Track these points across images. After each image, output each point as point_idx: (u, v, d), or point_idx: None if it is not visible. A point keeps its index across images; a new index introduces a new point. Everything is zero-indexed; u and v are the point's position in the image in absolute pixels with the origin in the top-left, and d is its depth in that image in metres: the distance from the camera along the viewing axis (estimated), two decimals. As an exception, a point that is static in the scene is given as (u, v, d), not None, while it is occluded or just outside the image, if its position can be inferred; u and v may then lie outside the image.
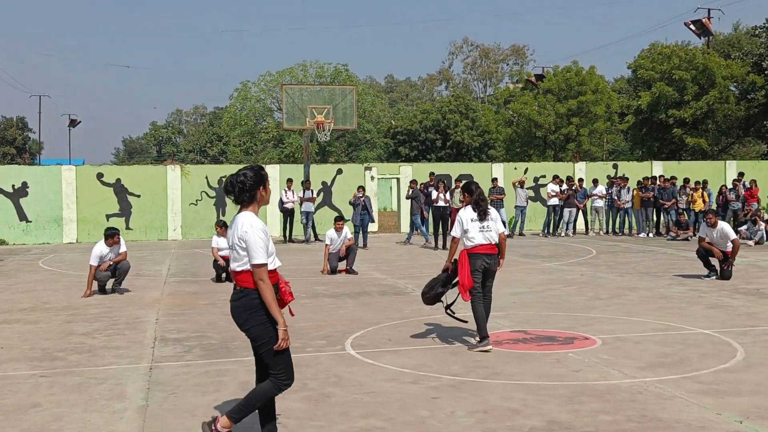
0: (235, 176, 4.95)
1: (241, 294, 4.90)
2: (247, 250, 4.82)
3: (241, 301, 4.90)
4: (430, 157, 53.46)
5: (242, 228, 4.84)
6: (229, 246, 5.02)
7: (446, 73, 78.03)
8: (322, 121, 21.45)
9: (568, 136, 42.26)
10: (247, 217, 4.92)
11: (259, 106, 63.88)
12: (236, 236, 4.86)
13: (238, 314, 4.93)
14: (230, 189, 4.95)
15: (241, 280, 4.89)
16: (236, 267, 4.90)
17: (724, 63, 33.82)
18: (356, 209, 20.20)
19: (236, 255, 4.89)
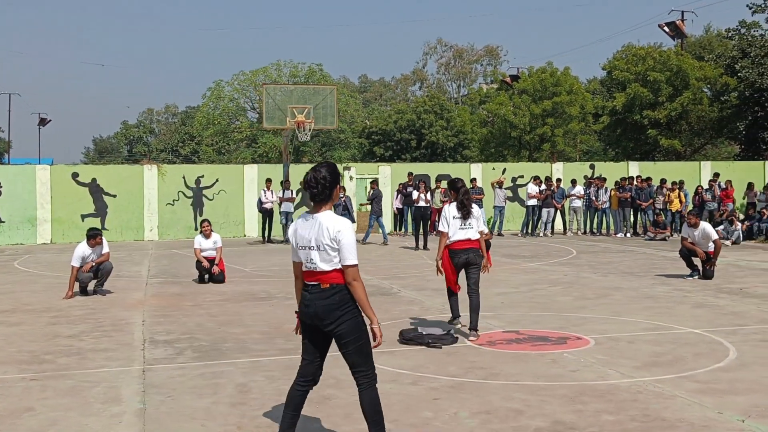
0: (316, 173, 4.84)
1: (331, 291, 4.80)
2: (341, 250, 4.76)
3: (333, 299, 4.80)
4: (405, 157, 53.44)
5: (335, 228, 4.77)
6: (303, 246, 4.83)
7: (420, 73, 78.11)
8: (303, 121, 21.34)
9: (542, 137, 42.50)
10: (334, 217, 4.86)
11: (232, 105, 63.55)
12: (325, 236, 4.76)
13: (330, 311, 4.80)
14: (314, 185, 4.81)
15: (330, 278, 4.80)
16: (325, 267, 4.78)
17: (697, 65, 34.20)
18: (336, 210, 20.11)
19: (325, 255, 4.77)
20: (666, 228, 22.93)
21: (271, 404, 6.30)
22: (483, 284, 12.73)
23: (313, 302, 4.84)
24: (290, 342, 8.69)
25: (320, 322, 4.84)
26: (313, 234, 4.81)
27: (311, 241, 4.81)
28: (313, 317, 4.85)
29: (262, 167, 26.04)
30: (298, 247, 4.89)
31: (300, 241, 4.87)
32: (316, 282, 4.83)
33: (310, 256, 4.82)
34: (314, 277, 4.84)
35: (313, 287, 4.85)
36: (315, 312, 4.83)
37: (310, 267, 4.83)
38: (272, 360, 7.85)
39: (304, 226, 4.88)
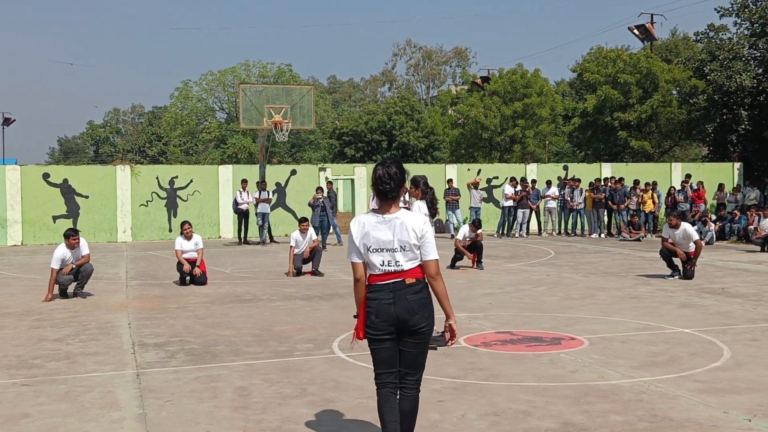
0: (387, 169, 4.71)
1: (419, 285, 4.65)
2: (424, 246, 4.65)
3: (423, 292, 4.66)
4: (376, 158, 53.39)
5: (419, 227, 4.65)
6: (380, 248, 4.63)
7: (389, 74, 78.19)
8: (280, 121, 21.18)
9: (513, 138, 42.76)
10: (412, 215, 4.74)
11: (200, 105, 63.08)
12: (411, 236, 4.62)
13: (423, 306, 4.64)
14: (387, 181, 4.67)
15: (413, 274, 4.65)
16: (410, 265, 4.63)
17: (666, 67, 34.59)
18: (315, 210, 20.03)
19: (410, 254, 4.62)
20: (640, 228, 23.16)
21: (274, 407, 6.21)
22: (468, 285, 12.81)
23: (401, 298, 4.60)
24: (283, 344, 8.62)
25: (410, 317, 4.61)
26: (396, 235, 4.63)
27: (393, 242, 4.63)
28: (401, 314, 4.60)
29: (237, 168, 25.81)
30: (372, 249, 4.65)
31: (374, 243, 4.65)
32: (398, 279, 4.63)
33: (395, 258, 4.63)
34: (395, 276, 4.64)
35: (395, 284, 4.62)
36: (405, 308, 4.60)
37: (391, 269, 4.63)
38: (268, 363, 7.74)
39: (378, 228, 4.66)
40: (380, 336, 4.68)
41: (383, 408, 4.79)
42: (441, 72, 77.81)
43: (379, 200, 4.75)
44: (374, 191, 4.77)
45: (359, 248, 4.70)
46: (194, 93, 62.13)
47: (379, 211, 4.74)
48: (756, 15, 31.29)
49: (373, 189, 4.79)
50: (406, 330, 4.65)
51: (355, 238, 4.72)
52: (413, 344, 4.71)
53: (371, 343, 4.74)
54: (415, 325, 4.63)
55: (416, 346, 4.72)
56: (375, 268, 4.67)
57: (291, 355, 8.10)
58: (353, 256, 4.74)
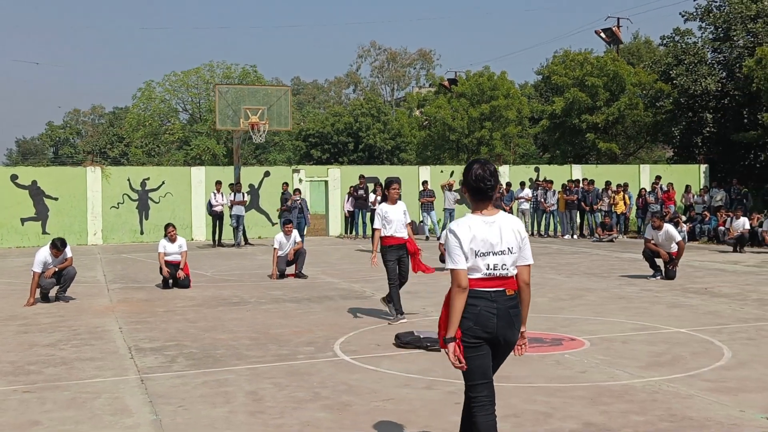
0: (485, 168, 4.44)
1: (516, 298, 4.45)
2: (524, 250, 4.46)
3: (519, 306, 4.47)
4: (343, 159, 53.34)
5: (521, 229, 4.50)
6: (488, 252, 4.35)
7: (354, 76, 78.10)
8: (257, 122, 21.01)
9: (480, 140, 43.02)
10: (511, 216, 4.56)
11: (163, 106, 62.41)
12: (517, 238, 4.44)
13: (519, 320, 4.47)
14: (489, 178, 4.41)
15: (512, 284, 4.44)
16: (513, 271, 4.43)
17: (632, 71, 35.07)
18: (293, 213, 19.90)
19: (515, 258, 4.43)
20: (612, 229, 23.42)
21: (291, 412, 6.13)
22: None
23: (504, 312, 4.36)
24: (284, 348, 8.53)
25: (510, 332, 4.40)
26: (504, 237, 4.40)
27: (502, 245, 4.39)
28: (503, 328, 4.37)
29: (210, 169, 25.56)
30: (480, 253, 4.34)
31: (483, 247, 4.35)
32: (500, 288, 4.38)
33: (504, 262, 4.38)
34: (498, 283, 4.38)
35: (496, 294, 4.36)
36: (507, 322, 4.38)
37: (499, 273, 4.37)
38: (272, 367, 7.65)
39: (485, 230, 4.37)
40: (477, 344, 4.39)
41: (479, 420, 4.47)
42: (405, 74, 77.94)
43: (476, 200, 4.47)
44: (470, 190, 4.47)
45: (467, 253, 4.34)
46: (157, 94, 61.49)
47: (479, 212, 4.46)
48: (720, 20, 31.86)
49: (466, 187, 4.50)
50: (500, 343, 4.44)
51: (464, 243, 4.34)
52: (502, 355, 4.57)
53: (466, 350, 4.39)
54: (511, 339, 4.46)
55: (502, 359, 4.60)
56: (478, 272, 4.36)
57: (294, 358, 8.01)
58: (459, 263, 4.31)
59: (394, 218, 9.98)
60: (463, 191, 4.59)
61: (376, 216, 10.15)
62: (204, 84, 63.06)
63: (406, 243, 10.13)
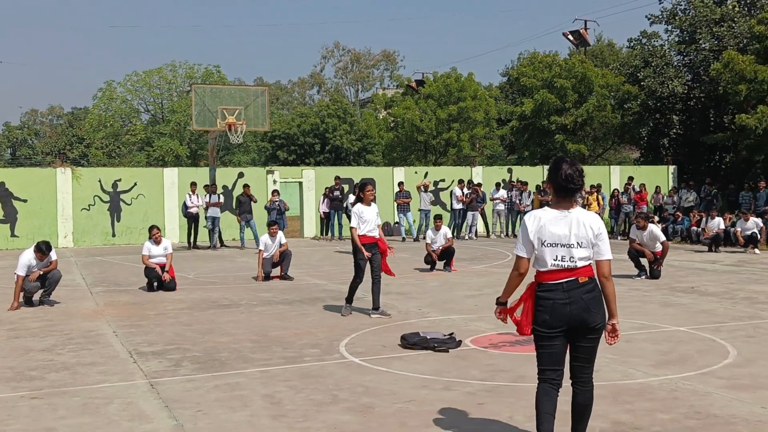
0: (574, 167, 4.78)
1: (591, 284, 4.70)
2: (600, 245, 4.73)
3: (596, 291, 4.71)
4: (309, 161, 53.14)
5: (596, 224, 4.76)
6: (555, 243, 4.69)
7: (318, 77, 77.83)
8: (234, 123, 20.78)
9: (448, 141, 43.17)
10: (588, 213, 4.85)
11: (125, 107, 61.54)
12: (589, 232, 4.71)
13: (598, 304, 4.72)
14: (578, 179, 4.77)
15: (585, 272, 4.71)
16: (583, 263, 4.69)
17: (600, 72, 35.48)
18: (271, 214, 19.74)
19: (586, 251, 4.70)
20: (588, 230, 23.60)
21: (314, 414, 6.04)
22: (445, 288, 12.85)
23: (577, 297, 4.65)
24: (288, 350, 8.41)
25: (587, 315, 4.67)
26: (573, 230, 4.69)
27: (570, 237, 4.68)
28: (578, 315, 4.65)
29: (183, 170, 25.23)
30: (546, 244, 4.71)
31: (550, 238, 4.70)
32: (572, 278, 4.67)
33: (571, 254, 4.67)
34: (568, 274, 4.67)
35: (568, 284, 4.67)
36: (582, 308, 4.65)
37: (566, 265, 4.67)
38: (283, 369, 7.54)
39: (554, 223, 4.72)
40: (552, 334, 4.72)
41: (541, 401, 4.82)
42: (369, 75, 77.92)
43: (559, 197, 4.81)
44: (555, 187, 4.80)
45: (532, 242, 4.75)
46: (118, 94, 60.65)
47: (557, 206, 4.79)
48: (686, 23, 32.38)
49: (552, 185, 4.83)
50: (582, 328, 4.70)
51: (530, 232, 4.76)
52: (589, 340, 4.78)
53: (540, 340, 4.78)
54: (591, 323, 4.69)
55: (591, 341, 4.80)
56: (547, 264, 4.70)
57: (301, 360, 7.91)
58: (521, 251, 4.82)
59: (368, 218, 10.47)
60: (548, 187, 4.97)
61: (352, 215, 10.58)
62: (166, 84, 62.44)
63: (378, 242, 10.57)
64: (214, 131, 22.00)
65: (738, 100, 25.88)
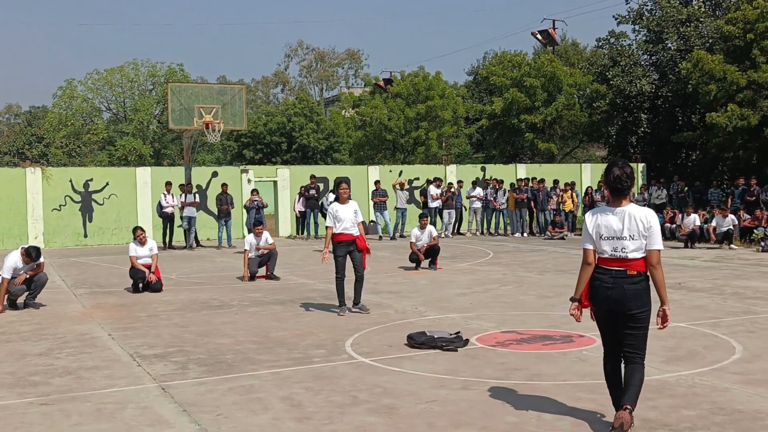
0: (623, 169, 5.33)
1: (638, 278, 5.27)
2: (651, 237, 5.26)
3: (640, 285, 5.28)
4: (276, 160, 52.76)
5: (647, 218, 5.29)
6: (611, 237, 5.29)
7: (282, 75, 77.34)
8: (211, 122, 20.52)
9: (417, 140, 43.20)
10: (640, 208, 5.40)
11: (86, 105, 60.55)
12: (640, 226, 5.25)
13: (638, 296, 5.27)
14: (626, 180, 5.31)
15: (636, 266, 5.27)
16: (636, 255, 5.25)
17: (569, 71, 35.79)
18: (250, 213, 19.54)
19: (638, 243, 5.24)
20: (563, 227, 23.81)
21: (338, 416, 5.95)
22: (435, 286, 12.91)
23: (619, 285, 5.26)
24: (294, 351, 8.30)
25: (625, 303, 5.26)
26: (626, 225, 5.27)
27: (623, 231, 5.27)
28: (617, 300, 5.27)
29: (156, 170, 24.87)
30: (602, 237, 5.33)
31: (606, 232, 5.33)
32: (622, 268, 5.26)
33: (623, 246, 5.27)
34: (621, 264, 5.28)
35: (617, 272, 5.28)
36: (620, 294, 5.26)
37: (619, 255, 5.28)
38: (294, 371, 7.43)
39: (609, 219, 5.33)
40: (599, 314, 5.47)
41: (607, 373, 5.64)
42: (334, 74, 77.70)
43: (613, 196, 5.40)
44: (609, 188, 5.40)
45: (592, 236, 5.40)
46: (79, 93, 59.68)
47: (611, 204, 5.40)
48: (653, 23, 32.77)
49: (606, 185, 5.44)
50: (622, 315, 5.32)
51: (589, 228, 5.43)
52: (631, 327, 5.36)
53: (595, 318, 5.53)
54: (629, 310, 5.28)
55: (633, 329, 5.37)
56: (604, 253, 5.35)
57: (310, 362, 7.81)
58: (586, 244, 5.46)
59: (344, 216, 10.61)
60: (603, 187, 5.37)
61: (327, 214, 10.81)
62: (129, 83, 61.64)
63: (356, 239, 10.67)
64: (190, 130, 21.69)
65: (708, 99, 26.25)
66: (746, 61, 26.09)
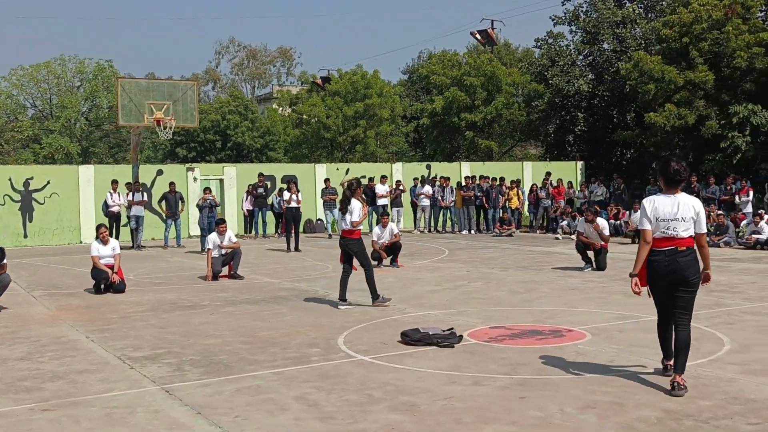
0: (679, 164, 6.39)
1: (688, 252, 6.31)
2: (699, 222, 6.36)
3: (690, 256, 6.31)
4: (210, 158, 51.91)
5: (696, 205, 6.42)
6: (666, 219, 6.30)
7: (213, 73, 76.20)
8: (162, 118, 20.03)
9: (355, 138, 43.16)
10: (690, 197, 6.50)
11: (10, 102, 58.54)
12: (690, 211, 6.34)
13: (692, 266, 6.32)
14: (683, 173, 6.38)
15: (685, 243, 6.30)
16: (684, 234, 6.28)
17: (507, 71, 36.30)
18: (203, 212, 19.17)
19: (687, 225, 6.30)
20: (511, 224, 24.12)
21: (361, 415, 5.87)
22: (403, 284, 12.95)
23: (673, 260, 6.29)
24: (288, 351, 8.17)
25: (680, 273, 6.28)
26: (678, 209, 6.32)
27: (676, 214, 6.31)
28: (673, 273, 6.29)
29: (99, 168, 24.19)
30: (660, 219, 6.32)
31: (662, 215, 6.33)
32: (673, 247, 6.28)
33: (675, 227, 6.30)
34: (672, 242, 6.29)
35: (669, 251, 6.30)
36: (677, 267, 6.28)
37: (671, 234, 6.30)
38: (297, 370, 7.29)
39: (666, 203, 6.37)
40: (657, 287, 6.49)
41: (660, 335, 6.75)
42: (266, 72, 76.93)
43: (668, 186, 6.43)
44: (666, 179, 6.41)
45: (650, 218, 6.35)
46: (3, 89, 57.75)
47: (666, 192, 6.45)
48: (590, 24, 33.49)
49: (663, 177, 6.45)
50: (678, 282, 6.33)
51: (648, 212, 6.38)
52: (684, 291, 6.38)
53: (651, 290, 6.56)
54: (685, 278, 6.32)
55: (686, 292, 6.39)
56: (659, 233, 6.33)
57: (309, 361, 7.69)
58: (645, 225, 6.39)
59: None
60: (660, 179, 6.54)
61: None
62: (55, 79, 59.88)
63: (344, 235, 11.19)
64: (138, 127, 21.15)
65: (647, 98, 26.97)
66: (683, 62, 26.91)
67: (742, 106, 24.68)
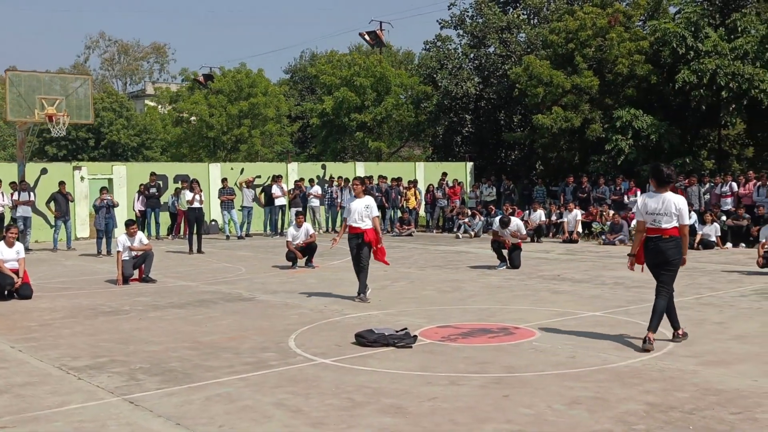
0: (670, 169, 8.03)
1: (671, 240, 7.80)
2: (680, 216, 7.80)
3: (671, 243, 7.80)
4: (83, 156, 49.69)
5: (677, 202, 7.82)
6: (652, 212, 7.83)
7: (82, 68, 72.92)
8: (54, 114, 18.90)
9: (239, 138, 42.41)
10: (673, 195, 7.91)
11: None
12: (673, 207, 7.79)
13: (673, 251, 7.83)
14: (674, 176, 8.08)
15: (668, 232, 7.78)
16: (667, 226, 7.77)
17: (396, 72, 36.59)
18: (99, 213, 18.25)
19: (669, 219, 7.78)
20: (410, 224, 24.28)
21: (352, 419, 5.70)
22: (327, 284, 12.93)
23: (657, 246, 7.83)
24: (242, 356, 7.86)
25: (663, 257, 7.82)
26: (662, 206, 7.79)
27: (661, 210, 7.79)
28: (657, 255, 7.84)
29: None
30: (647, 213, 7.88)
31: (650, 210, 7.86)
32: (659, 235, 7.82)
33: (660, 220, 7.79)
34: (658, 232, 7.82)
35: (656, 238, 7.84)
36: (659, 251, 7.81)
37: (656, 225, 7.82)
38: (262, 376, 7.02)
39: (653, 200, 7.88)
40: (649, 266, 8.02)
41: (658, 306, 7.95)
42: (139, 68, 74.44)
43: (659, 187, 7.95)
44: (658, 181, 7.92)
45: (642, 212, 7.94)
46: None
47: (656, 191, 7.94)
48: (477, 28, 34.22)
49: (655, 179, 7.98)
50: (662, 262, 7.87)
51: (640, 206, 7.99)
52: (665, 269, 7.91)
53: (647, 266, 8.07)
54: (666, 259, 7.84)
55: (667, 271, 7.91)
56: (649, 224, 7.87)
57: (268, 366, 7.41)
58: (639, 217, 8.04)
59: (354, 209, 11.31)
60: (652, 183, 8.02)
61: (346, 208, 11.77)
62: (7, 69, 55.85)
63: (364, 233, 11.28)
64: (25, 123, 19.89)
65: (536, 101, 27.79)
66: (569, 67, 27.91)
67: (625, 111, 25.82)
